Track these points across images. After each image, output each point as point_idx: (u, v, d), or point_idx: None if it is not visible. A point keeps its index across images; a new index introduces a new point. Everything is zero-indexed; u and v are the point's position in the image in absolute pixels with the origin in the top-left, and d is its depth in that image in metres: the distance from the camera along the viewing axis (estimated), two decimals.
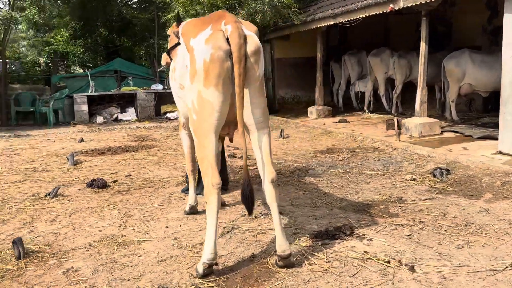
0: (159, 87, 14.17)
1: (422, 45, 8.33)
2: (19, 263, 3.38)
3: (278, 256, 3.08)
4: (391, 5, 8.14)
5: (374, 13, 8.89)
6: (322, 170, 6.11)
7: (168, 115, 13.58)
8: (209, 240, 2.99)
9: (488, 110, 10.10)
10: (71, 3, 13.89)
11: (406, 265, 3.10)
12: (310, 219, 4.10)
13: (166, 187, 5.51)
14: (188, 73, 3.10)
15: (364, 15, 9.23)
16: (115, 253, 3.50)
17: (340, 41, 15.02)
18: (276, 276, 3.00)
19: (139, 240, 3.76)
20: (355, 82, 12.71)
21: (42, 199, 5.14)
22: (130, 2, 16.19)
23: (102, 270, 3.21)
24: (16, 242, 3.49)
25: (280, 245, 3.06)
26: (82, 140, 9.62)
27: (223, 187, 5.04)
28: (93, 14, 15.20)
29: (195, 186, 4.46)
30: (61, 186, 5.61)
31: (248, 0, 11.33)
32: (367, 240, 3.58)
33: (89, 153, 8.10)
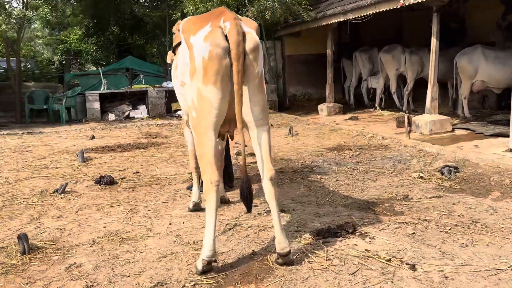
0: (170, 84, 14.21)
1: (433, 41, 8.24)
2: (24, 258, 3.42)
3: (277, 254, 3.07)
4: (402, 1, 8.07)
5: (384, 9, 8.82)
6: (329, 168, 6.08)
7: (179, 112, 13.62)
8: (208, 237, 3.00)
9: (502, 107, 9.94)
10: (84, 1, 14.02)
11: (407, 264, 3.07)
12: (313, 217, 4.09)
13: (172, 184, 5.54)
14: (188, 70, 3.10)
15: (374, 11, 9.16)
16: (117, 249, 3.53)
17: (352, 38, 14.91)
18: (275, 274, 2.99)
19: (142, 237, 3.78)
20: (367, 78, 12.62)
21: (50, 195, 5.20)
22: (142, 0, 16.27)
23: (104, 266, 3.24)
24: (21, 238, 3.54)
25: (279, 242, 3.06)
26: (93, 137, 9.72)
27: (229, 185, 5.08)
28: (105, 12, 15.32)
29: (199, 183, 4.48)
30: (69, 182, 5.68)
31: None
32: (370, 238, 3.55)
33: (99, 150, 8.18)
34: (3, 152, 8.27)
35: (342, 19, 10.43)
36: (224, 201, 4.62)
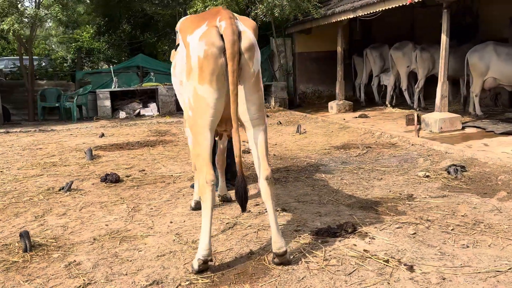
0: None
1: (443, 38, 8.13)
2: (25, 256, 3.46)
3: (273, 254, 3.06)
4: None
5: (394, 6, 8.72)
6: (335, 166, 6.04)
7: None
8: (204, 236, 3.00)
9: None
10: (95, 0, 14.13)
11: (406, 265, 3.03)
12: (314, 216, 4.06)
13: (177, 182, 5.56)
14: (185, 69, 3.11)
15: (384, 8, 9.07)
16: (117, 248, 3.56)
17: (363, 35, 14.79)
18: (271, 273, 2.98)
19: (142, 235, 3.81)
20: (379, 75, 12.50)
21: (56, 193, 5.26)
22: None
23: (103, 264, 3.26)
24: (23, 235, 3.59)
25: (275, 242, 3.05)
26: (102, 135, 9.80)
27: (232, 183, 5.07)
28: (117, 10, 15.41)
29: None
30: (76, 180, 5.74)
31: None
32: (369, 238, 3.52)
33: (108, 148, 8.25)
34: (14, 150, 8.38)
35: (351, 16, 10.35)
36: (226, 200, 4.62)
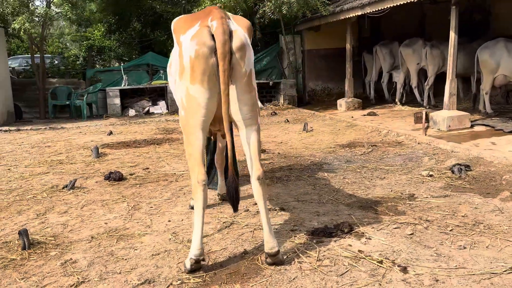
0: None
1: (452, 35, 8.02)
2: (23, 253, 3.51)
3: (266, 254, 3.05)
4: None
5: (402, 3, 8.62)
6: (338, 165, 6.00)
7: None
8: (196, 236, 3.00)
9: None
10: None
11: (399, 266, 3.00)
12: (312, 216, 4.04)
13: (179, 181, 5.57)
14: (178, 69, 3.11)
15: (392, 5, 8.98)
16: (114, 246, 3.58)
17: (373, 32, 14.66)
18: (263, 273, 2.98)
19: (139, 234, 3.83)
20: (391, 72, 12.37)
21: (59, 191, 5.31)
22: None
23: (98, 263, 3.29)
24: (22, 233, 3.64)
25: (267, 242, 3.04)
26: (111, 133, 9.88)
27: None
28: (127, 9, 15.48)
29: None
30: (80, 178, 5.79)
31: None
32: (366, 238, 3.50)
33: (115, 146, 8.31)
34: (23, 148, 8.50)
35: (359, 13, 10.26)
36: (225, 199, 4.62)
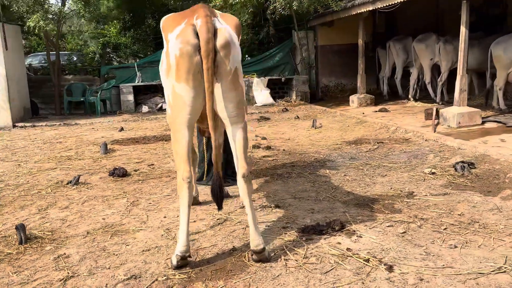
0: None
1: (462, 30, 7.87)
2: (20, 248, 3.59)
3: (251, 251, 3.07)
4: None
5: None
6: (342, 162, 5.97)
7: None
8: (182, 233, 3.03)
9: None
10: None
11: (385, 265, 2.98)
12: (306, 213, 4.04)
13: None
14: (165, 67, 3.14)
15: (402, 0, 8.84)
16: (107, 242, 3.64)
17: (387, 27, 14.47)
18: (248, 270, 2.99)
19: (134, 229, 3.88)
20: (408, 67, 12.19)
21: (64, 186, 5.41)
22: None
23: (89, 258, 3.35)
24: (19, 228, 3.72)
25: (253, 239, 3.05)
26: (122, 129, 10.00)
27: (232, 178, 5.10)
28: (141, 6, 15.61)
29: (200, 176, 4.54)
30: (85, 174, 5.89)
31: None
32: (356, 236, 3.48)
33: (124, 142, 8.41)
34: (35, 144, 8.67)
35: (370, 8, 10.15)
36: (225, 196, 4.64)
